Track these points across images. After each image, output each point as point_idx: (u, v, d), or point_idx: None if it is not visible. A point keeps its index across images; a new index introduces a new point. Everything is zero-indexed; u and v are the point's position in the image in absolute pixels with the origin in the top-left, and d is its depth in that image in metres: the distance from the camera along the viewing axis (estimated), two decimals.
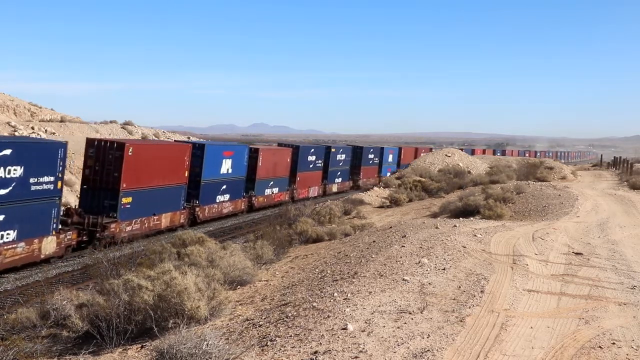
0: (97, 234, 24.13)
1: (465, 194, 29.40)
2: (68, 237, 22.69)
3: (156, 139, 61.21)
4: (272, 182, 40.88)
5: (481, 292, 10.68)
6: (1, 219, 19.25)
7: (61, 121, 63.63)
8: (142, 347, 10.44)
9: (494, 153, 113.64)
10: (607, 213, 22.74)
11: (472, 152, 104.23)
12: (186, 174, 30.60)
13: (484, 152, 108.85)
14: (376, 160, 63.01)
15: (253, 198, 38.75)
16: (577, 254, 14.85)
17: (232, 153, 35.85)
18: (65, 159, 22.58)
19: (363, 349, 7.92)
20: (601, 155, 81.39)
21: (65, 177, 24.50)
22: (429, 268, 12.40)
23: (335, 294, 10.97)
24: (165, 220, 28.97)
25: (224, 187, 34.98)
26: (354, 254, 15.56)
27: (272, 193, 41.11)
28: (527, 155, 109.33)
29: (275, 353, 8.38)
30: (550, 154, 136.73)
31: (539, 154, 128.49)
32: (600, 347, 8.20)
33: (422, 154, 67.12)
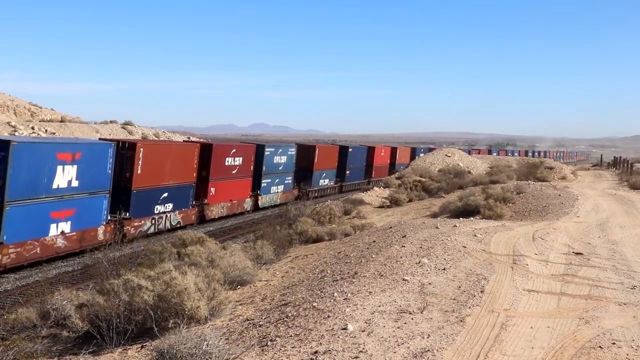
0: None
1: (466, 194, 29.40)
2: None
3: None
4: None
5: (481, 292, 10.68)
6: None
7: (61, 121, 63.71)
8: (142, 347, 10.44)
9: (523, 153, 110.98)
10: (607, 213, 22.73)
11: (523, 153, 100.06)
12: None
13: (524, 153, 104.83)
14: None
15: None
16: (577, 254, 14.85)
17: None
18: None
19: (363, 349, 7.92)
20: (601, 155, 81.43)
21: None
22: (429, 268, 12.40)
23: (336, 294, 10.97)
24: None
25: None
26: (354, 254, 15.56)
27: None
28: (534, 155, 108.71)
29: (275, 353, 8.38)
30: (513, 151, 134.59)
31: (535, 154, 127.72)
32: (600, 347, 8.20)
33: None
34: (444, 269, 12.29)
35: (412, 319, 9.09)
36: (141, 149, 26.08)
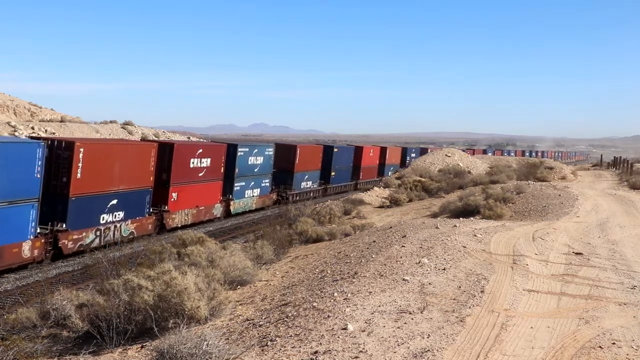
0: None
1: (465, 194, 29.41)
2: None
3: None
4: None
5: (481, 292, 10.68)
6: None
7: (61, 121, 63.72)
8: (142, 347, 10.45)
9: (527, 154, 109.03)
10: (607, 213, 22.73)
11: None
12: None
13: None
14: None
15: None
16: (577, 254, 14.85)
17: None
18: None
19: (363, 349, 7.92)
20: (601, 155, 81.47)
21: None
22: (429, 268, 12.40)
23: (335, 294, 10.97)
24: None
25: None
26: (354, 254, 15.56)
27: None
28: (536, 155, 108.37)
29: (275, 353, 8.38)
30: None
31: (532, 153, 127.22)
32: (600, 347, 8.20)
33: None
34: (444, 269, 12.29)
35: (412, 319, 9.09)
36: (81, 149, 22.49)
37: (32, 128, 54.90)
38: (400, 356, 7.68)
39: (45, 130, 55.73)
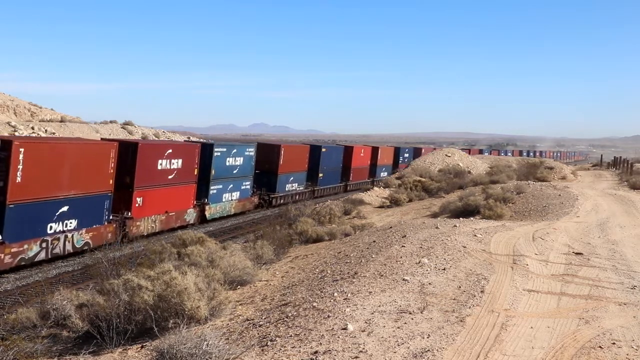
0: None
1: (466, 194, 29.42)
2: None
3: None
4: None
5: (481, 292, 10.68)
6: None
7: (61, 121, 63.80)
8: (142, 347, 10.45)
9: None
10: (607, 213, 22.73)
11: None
12: None
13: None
14: None
15: None
16: (577, 254, 14.85)
17: None
18: None
19: (363, 349, 7.92)
20: (601, 155, 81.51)
21: None
22: (429, 268, 12.40)
23: (335, 294, 10.98)
24: None
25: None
26: (354, 254, 15.56)
27: None
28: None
29: (275, 353, 8.38)
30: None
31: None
32: (600, 347, 8.20)
33: None
34: (444, 269, 12.30)
35: (412, 319, 9.09)
36: (20, 150, 19.59)
37: (32, 128, 54.93)
38: (400, 356, 7.68)
39: (45, 130, 55.76)
